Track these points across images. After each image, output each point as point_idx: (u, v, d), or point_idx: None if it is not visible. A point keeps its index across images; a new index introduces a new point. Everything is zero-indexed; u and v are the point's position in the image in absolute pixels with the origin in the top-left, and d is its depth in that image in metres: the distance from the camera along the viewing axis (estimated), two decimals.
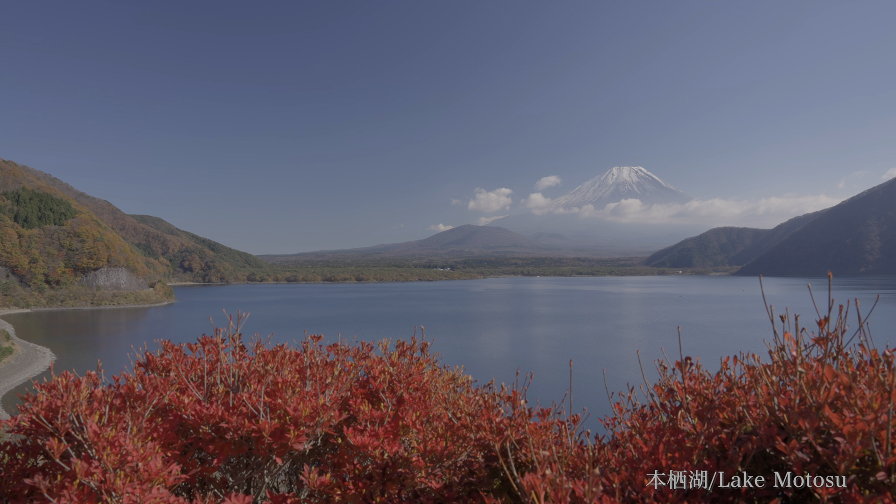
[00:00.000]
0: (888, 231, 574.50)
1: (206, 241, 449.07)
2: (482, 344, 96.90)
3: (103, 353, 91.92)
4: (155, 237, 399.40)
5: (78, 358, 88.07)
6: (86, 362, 79.68)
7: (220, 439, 3.60)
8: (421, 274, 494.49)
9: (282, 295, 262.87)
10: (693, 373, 3.43)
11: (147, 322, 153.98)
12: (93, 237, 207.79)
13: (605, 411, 3.92)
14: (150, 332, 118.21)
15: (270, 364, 4.34)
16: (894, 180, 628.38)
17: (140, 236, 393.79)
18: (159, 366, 4.57)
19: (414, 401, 4.00)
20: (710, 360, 3.68)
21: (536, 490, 2.33)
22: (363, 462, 3.68)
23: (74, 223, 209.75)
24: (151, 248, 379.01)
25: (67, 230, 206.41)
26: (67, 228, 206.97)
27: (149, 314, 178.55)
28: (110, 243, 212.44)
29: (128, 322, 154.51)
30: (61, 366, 11.66)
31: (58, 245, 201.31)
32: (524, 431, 3.52)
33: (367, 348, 4.90)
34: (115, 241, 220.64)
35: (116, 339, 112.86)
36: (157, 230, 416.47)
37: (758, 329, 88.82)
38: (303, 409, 3.60)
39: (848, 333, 2.87)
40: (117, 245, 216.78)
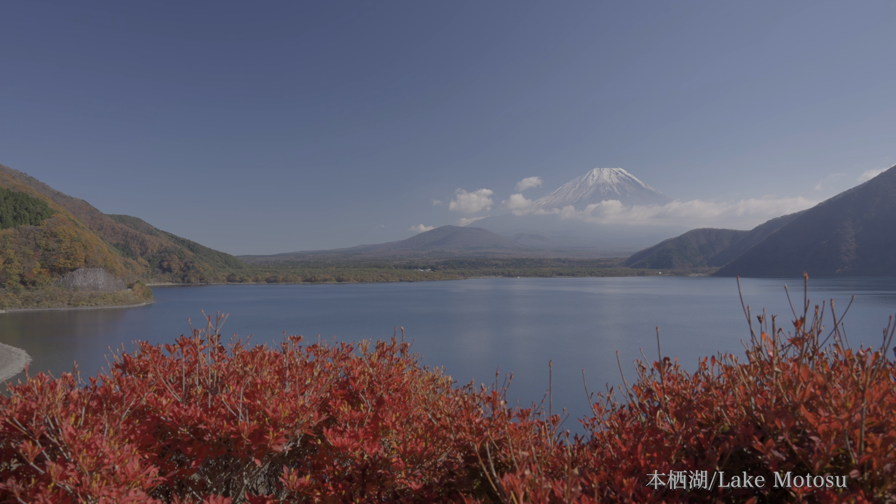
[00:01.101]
0: (864, 233, 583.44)
1: (186, 241, 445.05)
2: (462, 345, 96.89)
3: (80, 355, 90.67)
4: (133, 237, 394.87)
5: (54, 359, 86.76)
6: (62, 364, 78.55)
7: (199, 441, 3.57)
8: (402, 275, 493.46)
9: (262, 296, 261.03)
10: (671, 373, 3.46)
11: (125, 323, 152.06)
12: (70, 237, 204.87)
13: (585, 412, 3.94)
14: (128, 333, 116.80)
15: (249, 365, 4.32)
16: (869, 183, 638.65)
17: (118, 236, 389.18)
18: (137, 367, 4.52)
19: (394, 402, 3.99)
20: (688, 360, 3.72)
21: (516, 490, 2.34)
22: (343, 463, 3.67)
23: (51, 223, 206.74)
24: (130, 249, 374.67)
25: (44, 230, 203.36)
26: (44, 228, 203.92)
27: (127, 315, 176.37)
28: (88, 243, 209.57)
29: (105, 323, 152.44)
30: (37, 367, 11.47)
31: (34, 245, 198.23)
32: (504, 432, 3.53)
33: (347, 349, 4.89)
34: (93, 241, 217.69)
35: (94, 341, 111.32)
36: (135, 230, 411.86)
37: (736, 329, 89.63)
38: (282, 410, 3.59)
39: (823, 334, 2.91)
40: (95, 245, 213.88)
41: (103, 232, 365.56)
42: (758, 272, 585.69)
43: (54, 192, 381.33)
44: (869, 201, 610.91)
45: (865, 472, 2.24)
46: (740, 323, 3.01)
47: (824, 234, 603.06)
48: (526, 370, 66.63)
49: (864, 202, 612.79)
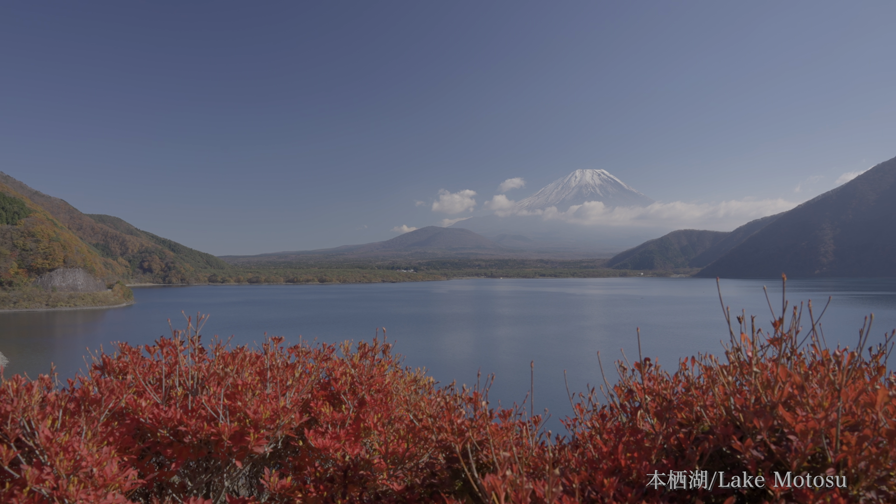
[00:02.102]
0: (841, 234, 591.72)
1: (167, 241, 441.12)
2: (445, 345, 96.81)
3: (58, 356, 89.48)
4: (114, 237, 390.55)
5: (31, 361, 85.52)
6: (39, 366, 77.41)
7: (179, 443, 3.54)
8: (384, 275, 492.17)
9: (243, 296, 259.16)
10: (652, 374, 3.48)
11: (105, 324, 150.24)
12: (48, 237, 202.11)
13: (567, 412, 3.95)
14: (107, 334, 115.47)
15: (230, 366, 4.29)
16: (847, 185, 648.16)
17: (98, 236, 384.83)
18: (116, 368, 4.48)
19: (375, 403, 3.99)
20: (669, 360, 3.74)
21: (497, 491, 2.34)
22: (324, 464, 3.66)
23: (28, 222, 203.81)
24: (110, 249, 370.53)
25: (21, 230, 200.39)
26: (21, 228, 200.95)
27: (107, 316, 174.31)
28: (67, 243, 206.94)
29: (84, 324, 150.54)
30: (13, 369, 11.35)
31: (10, 245, 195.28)
32: (486, 433, 3.53)
33: (329, 350, 4.87)
34: (72, 241, 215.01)
35: (72, 342, 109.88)
36: (115, 230, 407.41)
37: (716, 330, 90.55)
38: (263, 411, 3.57)
39: (801, 334, 2.95)
40: (74, 245, 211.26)
41: (83, 232, 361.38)
42: (738, 273, 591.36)
43: (32, 192, 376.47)
44: (846, 204, 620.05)
45: (841, 470, 2.27)
46: (721, 323, 3.03)
47: (803, 236, 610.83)
48: (508, 371, 66.75)
49: (842, 204, 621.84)
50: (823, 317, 3.00)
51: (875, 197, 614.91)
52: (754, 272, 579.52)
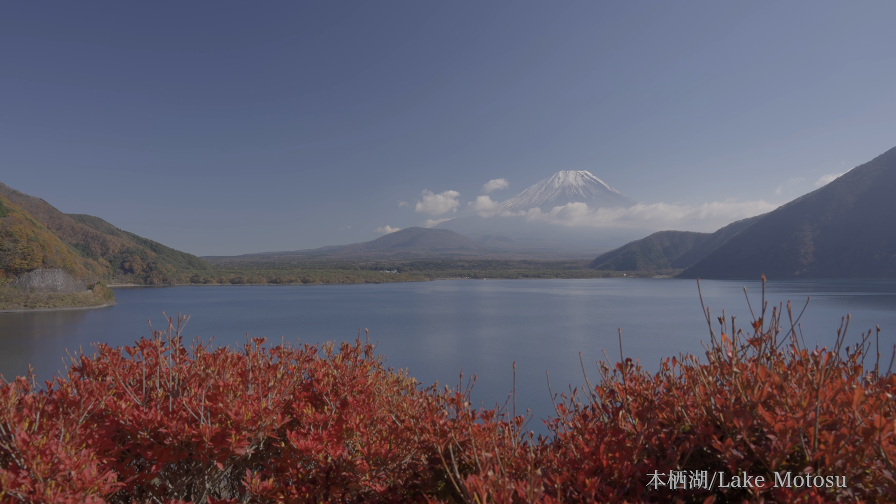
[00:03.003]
0: (821, 236, 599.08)
1: (148, 241, 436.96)
2: (428, 346, 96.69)
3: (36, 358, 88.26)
4: (94, 237, 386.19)
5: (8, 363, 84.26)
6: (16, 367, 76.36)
7: (159, 445, 3.50)
8: (367, 276, 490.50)
9: (226, 297, 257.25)
10: (633, 374, 3.51)
11: (85, 325, 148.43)
12: (27, 237, 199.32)
13: (549, 412, 3.96)
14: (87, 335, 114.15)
15: (212, 367, 4.26)
16: (826, 187, 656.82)
17: (78, 236, 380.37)
18: (96, 370, 4.42)
19: (358, 404, 3.98)
20: (650, 361, 3.77)
21: (479, 492, 2.34)
22: (306, 466, 3.64)
23: (6, 222, 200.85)
24: (90, 249, 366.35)
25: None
26: None
27: (87, 317, 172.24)
28: (46, 243, 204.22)
29: (64, 325, 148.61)
30: None
31: None
32: (468, 433, 3.54)
33: (311, 351, 4.85)
34: (52, 241, 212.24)
35: (51, 343, 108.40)
36: (96, 230, 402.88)
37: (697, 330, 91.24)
38: (245, 413, 3.54)
39: (781, 334, 2.98)
40: (53, 245, 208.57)
41: (62, 232, 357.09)
42: (720, 274, 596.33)
43: (10, 191, 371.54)
44: (826, 206, 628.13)
45: (819, 468, 2.29)
46: (702, 324, 3.06)
47: (784, 238, 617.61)
48: (491, 371, 66.80)
49: (822, 206, 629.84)
50: (802, 317, 3.04)
51: (853, 199, 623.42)
52: (736, 273, 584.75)
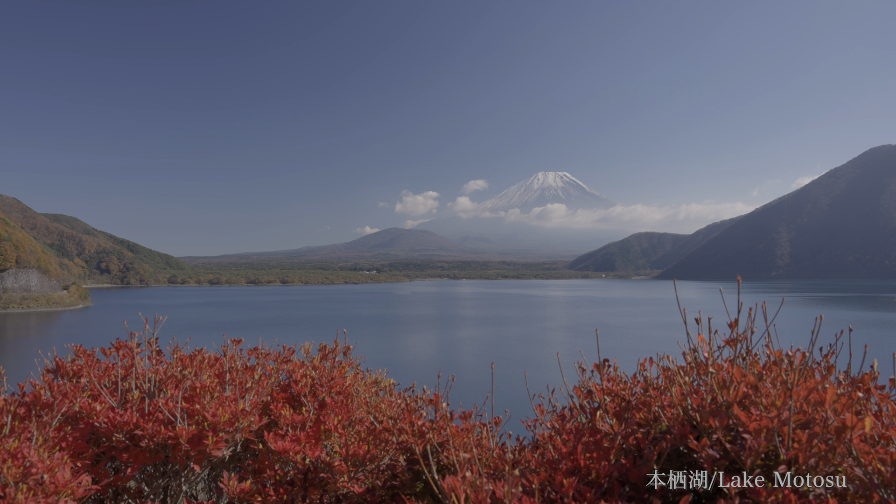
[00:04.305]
0: (797, 237, 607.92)
1: (125, 241, 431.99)
2: (406, 347, 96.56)
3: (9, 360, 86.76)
4: (69, 237, 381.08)
5: None
6: None
7: (135, 447, 3.46)
8: (347, 276, 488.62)
9: (204, 297, 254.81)
10: (611, 374, 3.52)
11: (59, 326, 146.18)
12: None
13: (527, 413, 3.97)
14: (62, 336, 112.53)
15: (188, 369, 4.22)
16: (802, 190, 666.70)
17: (53, 236, 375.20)
18: (70, 372, 4.36)
19: (336, 405, 3.96)
20: (628, 361, 3.79)
21: (457, 492, 2.34)
22: (284, 467, 3.62)
23: None
24: (66, 249, 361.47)
25: None
26: None
27: (62, 318, 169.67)
28: (19, 243, 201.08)
29: (38, 326, 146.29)
30: None
31: None
32: (446, 434, 3.54)
33: (289, 352, 4.83)
34: (25, 241, 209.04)
35: (25, 345, 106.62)
36: (71, 230, 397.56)
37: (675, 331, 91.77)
38: (222, 414, 3.51)
39: (756, 335, 3.01)
40: (27, 245, 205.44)
41: (37, 231, 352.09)
42: (698, 275, 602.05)
43: None
44: (801, 207, 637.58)
45: (793, 466, 2.33)
46: (679, 325, 3.09)
47: (760, 239, 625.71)
48: (470, 371, 66.84)
49: (797, 208, 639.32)
50: (778, 318, 3.07)
51: (828, 201, 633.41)
52: (713, 274, 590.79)
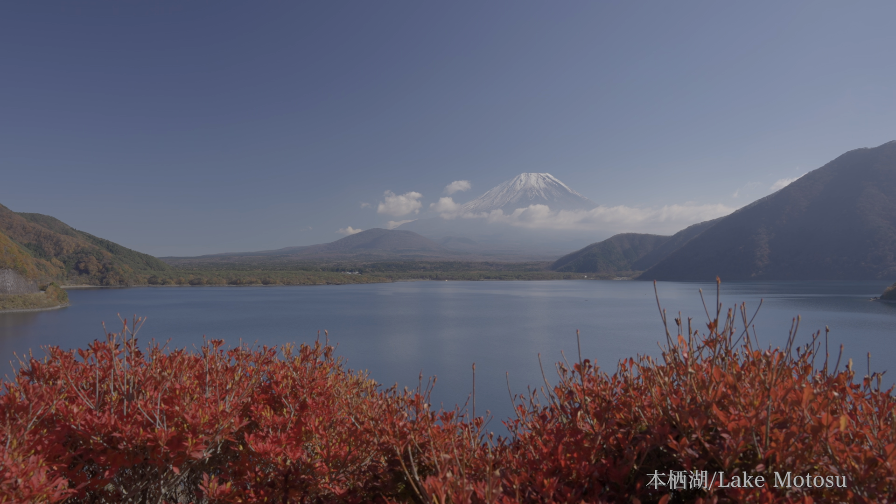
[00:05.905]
0: (776, 239, 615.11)
1: (105, 241, 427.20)
2: (389, 347, 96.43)
3: None
4: (47, 237, 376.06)
5: None
6: None
7: (113, 450, 3.42)
8: (329, 277, 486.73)
9: (184, 298, 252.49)
10: (592, 375, 3.54)
11: (36, 327, 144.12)
12: None
13: (509, 413, 3.98)
14: (38, 338, 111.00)
15: (168, 370, 4.18)
16: (781, 192, 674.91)
17: (30, 236, 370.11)
18: (46, 374, 4.30)
19: (317, 406, 3.94)
20: (608, 362, 3.81)
21: (438, 493, 2.35)
22: (265, 469, 3.60)
23: None
24: (43, 249, 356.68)
25: None
26: None
27: (39, 319, 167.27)
28: None
29: (14, 328, 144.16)
30: None
31: None
32: (427, 435, 3.54)
33: (270, 353, 4.80)
34: (1, 241, 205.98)
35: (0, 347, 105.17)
36: (49, 230, 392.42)
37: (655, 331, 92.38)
38: (202, 416, 3.49)
39: (735, 335, 3.05)
40: (3, 244, 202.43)
41: (13, 231, 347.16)
42: (679, 276, 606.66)
43: None
44: (780, 209, 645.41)
45: (770, 465, 2.35)
46: (660, 325, 3.11)
47: (740, 241, 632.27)
48: (451, 372, 66.84)
49: (776, 210, 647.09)
50: (756, 318, 3.11)
51: (807, 203, 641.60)
52: (694, 275, 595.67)
